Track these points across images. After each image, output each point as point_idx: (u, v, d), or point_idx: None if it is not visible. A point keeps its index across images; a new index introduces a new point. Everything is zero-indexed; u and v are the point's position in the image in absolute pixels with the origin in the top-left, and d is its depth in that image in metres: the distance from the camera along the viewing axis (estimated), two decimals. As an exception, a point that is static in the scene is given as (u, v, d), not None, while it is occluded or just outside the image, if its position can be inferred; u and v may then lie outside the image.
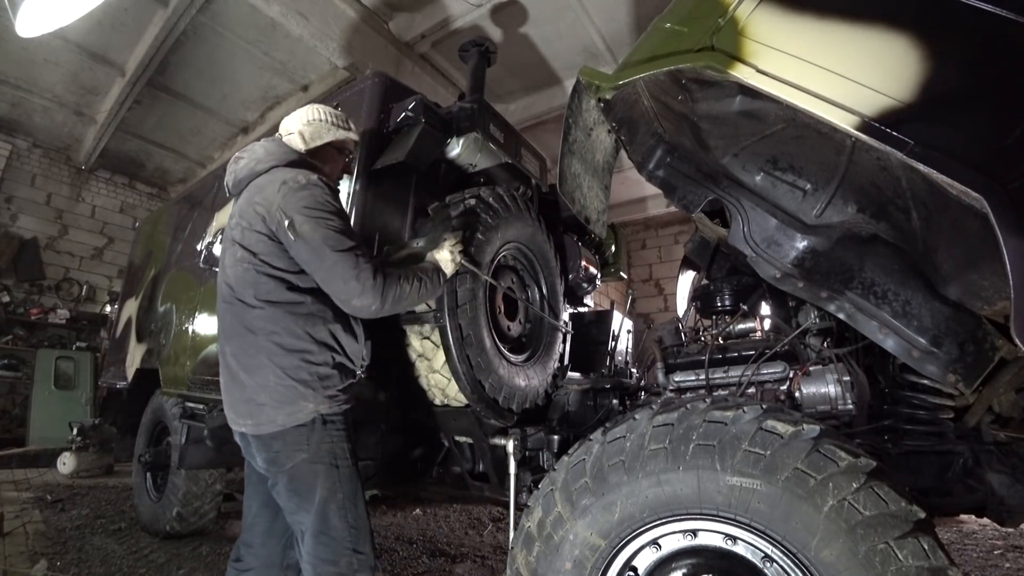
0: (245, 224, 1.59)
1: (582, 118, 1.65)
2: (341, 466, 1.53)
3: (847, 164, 1.39)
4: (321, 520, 1.48)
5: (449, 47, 5.15)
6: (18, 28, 3.26)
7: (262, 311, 1.52)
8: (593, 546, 1.38)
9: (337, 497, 1.50)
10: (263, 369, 1.50)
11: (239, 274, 1.57)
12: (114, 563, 2.89)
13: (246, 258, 1.56)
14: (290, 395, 1.49)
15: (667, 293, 9.72)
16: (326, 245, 1.48)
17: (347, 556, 1.47)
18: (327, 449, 1.52)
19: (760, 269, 1.76)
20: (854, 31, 1.06)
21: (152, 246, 4.37)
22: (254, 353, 1.52)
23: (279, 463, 1.51)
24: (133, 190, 8.65)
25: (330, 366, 1.55)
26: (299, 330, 1.52)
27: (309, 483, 1.49)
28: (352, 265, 1.47)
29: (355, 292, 1.48)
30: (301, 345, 1.51)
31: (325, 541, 1.47)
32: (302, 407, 1.49)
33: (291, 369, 1.49)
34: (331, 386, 1.55)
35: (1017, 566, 3.12)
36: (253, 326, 1.53)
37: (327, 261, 1.48)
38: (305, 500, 1.49)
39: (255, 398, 1.51)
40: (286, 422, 1.48)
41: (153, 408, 3.73)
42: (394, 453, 2.53)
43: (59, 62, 5.93)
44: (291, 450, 1.50)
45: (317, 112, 1.79)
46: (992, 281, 1.20)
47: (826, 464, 1.16)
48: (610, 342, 2.83)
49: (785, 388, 1.92)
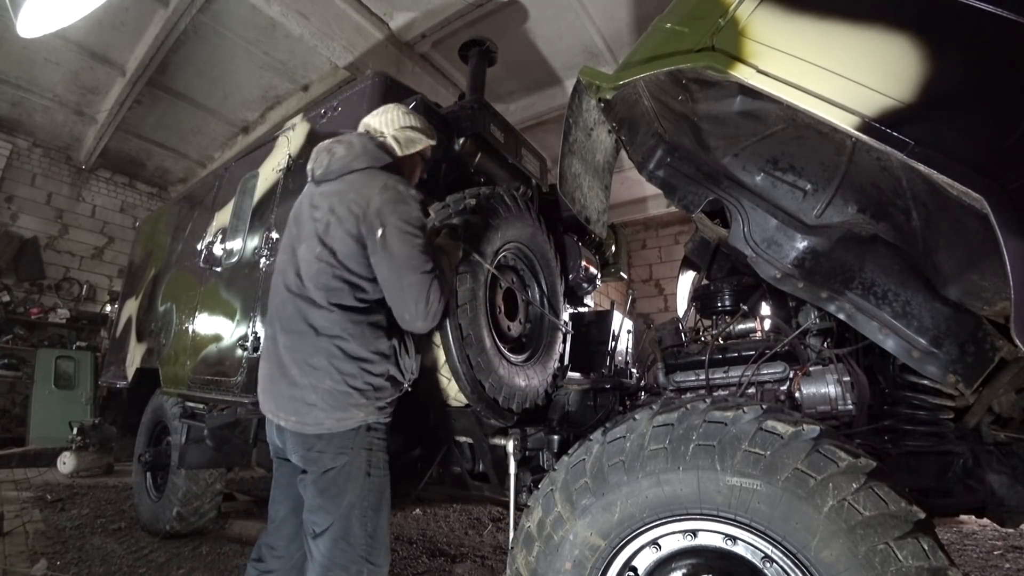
0: (334, 219, 1.55)
1: (582, 118, 1.65)
2: (374, 475, 1.54)
3: (847, 164, 1.39)
4: (343, 525, 1.47)
5: (449, 47, 5.15)
6: (19, 28, 3.27)
7: (330, 313, 1.52)
8: (593, 546, 1.38)
9: (363, 504, 1.50)
10: (321, 371, 1.49)
11: (314, 271, 1.55)
12: (114, 563, 2.89)
13: (325, 256, 1.55)
14: (343, 401, 1.49)
15: (667, 293, 9.72)
16: (410, 265, 1.50)
17: (359, 564, 1.46)
18: (365, 457, 1.53)
19: (760, 269, 1.76)
20: (854, 31, 1.06)
21: (152, 246, 4.37)
22: (313, 353, 1.51)
23: (320, 463, 1.51)
24: (133, 190, 8.65)
25: (385, 378, 1.55)
26: (364, 338, 1.52)
27: (341, 487, 1.49)
28: (425, 289, 1.51)
29: (420, 315, 1.51)
30: (363, 353, 1.51)
31: (343, 547, 1.47)
32: (353, 415, 1.50)
33: (350, 376, 1.50)
34: (383, 397, 1.56)
35: (1017, 567, 3.12)
36: (317, 325, 1.52)
37: (404, 280, 1.50)
38: (331, 502, 1.49)
39: (305, 397, 1.50)
40: (334, 427, 1.49)
41: (153, 408, 3.73)
42: (394, 453, 2.52)
43: (60, 62, 5.93)
44: (334, 452, 1.50)
45: (409, 119, 1.77)
46: (992, 281, 1.20)
47: (826, 464, 1.15)
48: (610, 342, 2.83)
49: (785, 388, 1.92)
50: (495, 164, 2.75)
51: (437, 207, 2.11)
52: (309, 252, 1.58)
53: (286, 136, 2.89)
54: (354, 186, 1.58)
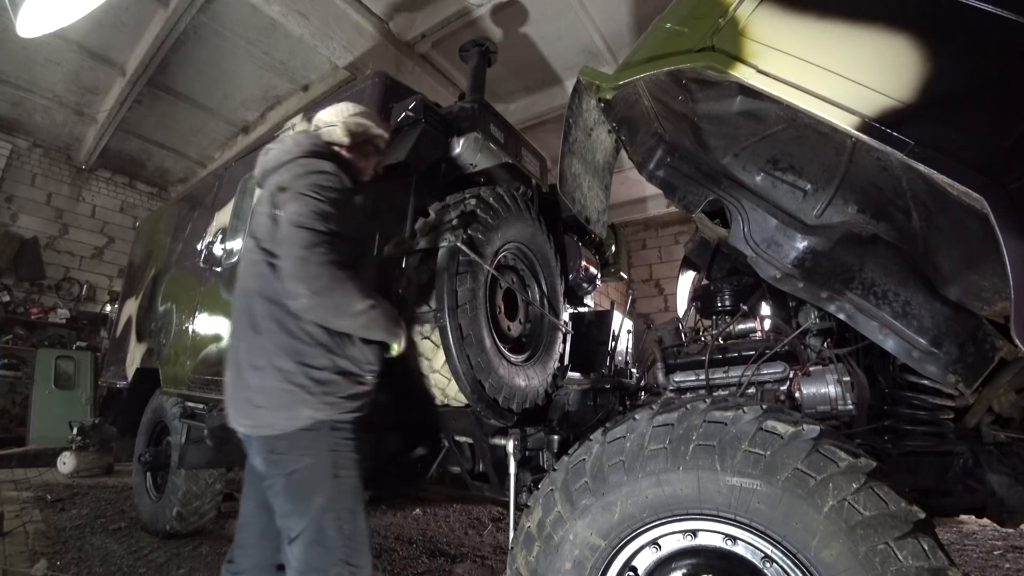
0: (259, 208, 1.54)
1: (582, 118, 1.65)
2: (343, 475, 1.48)
3: (847, 164, 1.39)
4: (316, 529, 1.43)
5: (449, 47, 5.15)
6: (19, 28, 3.27)
7: (263, 307, 1.48)
8: (593, 546, 1.38)
9: (335, 507, 1.45)
10: (264, 371, 1.45)
11: (247, 265, 1.54)
12: (114, 563, 2.88)
13: (252, 246, 1.52)
14: (288, 399, 1.44)
15: (667, 293, 9.72)
16: (293, 217, 1.41)
17: (338, 567, 1.42)
18: (331, 458, 1.47)
19: (760, 269, 1.76)
20: (854, 31, 1.06)
21: (152, 246, 4.37)
22: (257, 353, 1.47)
23: (281, 465, 1.46)
24: (133, 190, 8.65)
25: (331, 371, 1.49)
26: (300, 331, 1.46)
27: (308, 490, 1.45)
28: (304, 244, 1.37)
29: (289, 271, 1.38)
30: (300, 347, 1.46)
31: (318, 551, 1.42)
32: (300, 412, 1.44)
33: (289, 373, 1.44)
34: (331, 392, 1.48)
35: (1017, 567, 3.12)
36: (257, 324, 1.49)
37: (283, 231, 1.40)
38: (301, 506, 1.44)
39: (254, 400, 1.46)
40: (285, 427, 1.44)
41: (153, 408, 3.73)
42: (394, 453, 2.53)
43: (60, 62, 5.93)
44: (295, 454, 1.45)
45: (358, 108, 1.77)
46: (992, 281, 1.20)
47: (826, 464, 1.15)
48: (610, 342, 2.83)
49: (785, 388, 1.92)
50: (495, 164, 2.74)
51: (437, 207, 2.11)
52: (246, 250, 1.56)
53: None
54: (280, 175, 1.56)
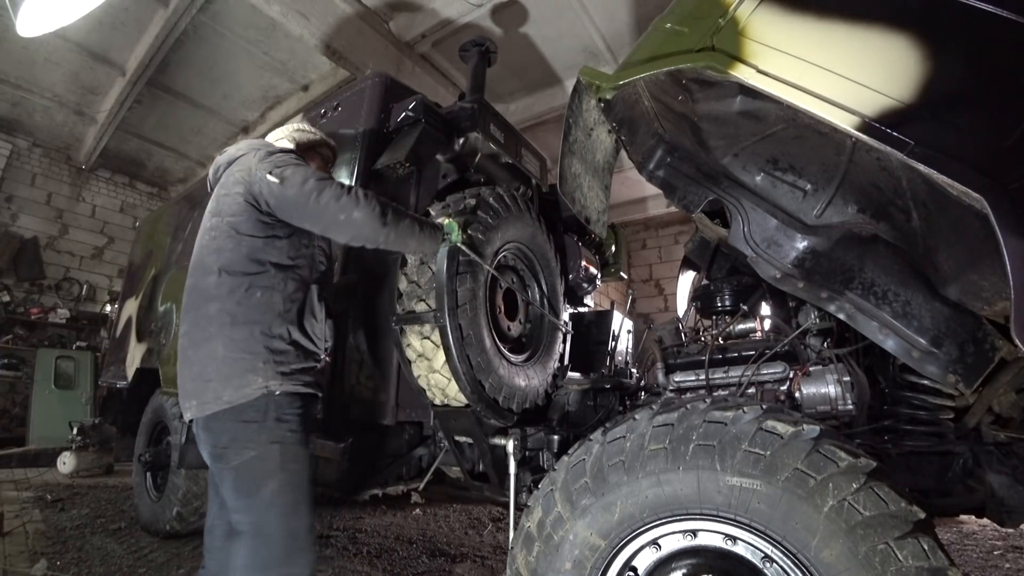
0: (223, 193, 1.59)
1: (582, 118, 1.65)
2: (291, 469, 1.46)
3: (847, 164, 1.39)
4: (260, 525, 1.41)
5: (449, 47, 5.15)
6: (19, 28, 3.27)
7: (219, 278, 1.48)
8: (593, 546, 1.38)
9: (279, 502, 1.43)
10: (212, 340, 1.44)
11: (205, 243, 1.56)
12: (114, 563, 2.88)
13: (215, 224, 1.56)
14: (238, 368, 1.42)
15: (667, 293, 9.72)
16: (312, 177, 1.50)
17: (280, 565, 1.40)
18: (275, 451, 1.44)
19: (760, 269, 1.76)
20: (854, 31, 1.06)
21: (152, 246, 4.37)
22: (205, 324, 1.46)
23: (225, 459, 1.44)
24: (133, 190, 8.65)
25: (286, 341, 1.49)
26: (256, 301, 1.47)
27: (254, 484, 1.42)
28: (339, 187, 1.50)
29: (351, 204, 1.47)
30: (256, 316, 1.46)
31: (259, 547, 1.40)
32: (250, 380, 1.42)
33: (242, 341, 1.44)
34: (285, 362, 1.48)
35: (1017, 567, 3.12)
36: (208, 294, 1.48)
37: (316, 188, 1.48)
38: (244, 501, 1.43)
39: (202, 374, 1.43)
40: (233, 398, 1.40)
41: (153, 408, 3.73)
42: (394, 453, 2.53)
43: (59, 62, 5.93)
44: (238, 447, 1.43)
45: (303, 125, 1.89)
46: (992, 281, 1.20)
47: (826, 464, 1.15)
48: (610, 342, 2.83)
49: (785, 388, 1.92)
50: (495, 164, 2.75)
51: (437, 207, 2.11)
52: (202, 232, 1.60)
53: (286, 136, 2.89)
54: (237, 164, 1.64)
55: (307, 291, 1.59)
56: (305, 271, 1.61)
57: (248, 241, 1.51)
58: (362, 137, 2.36)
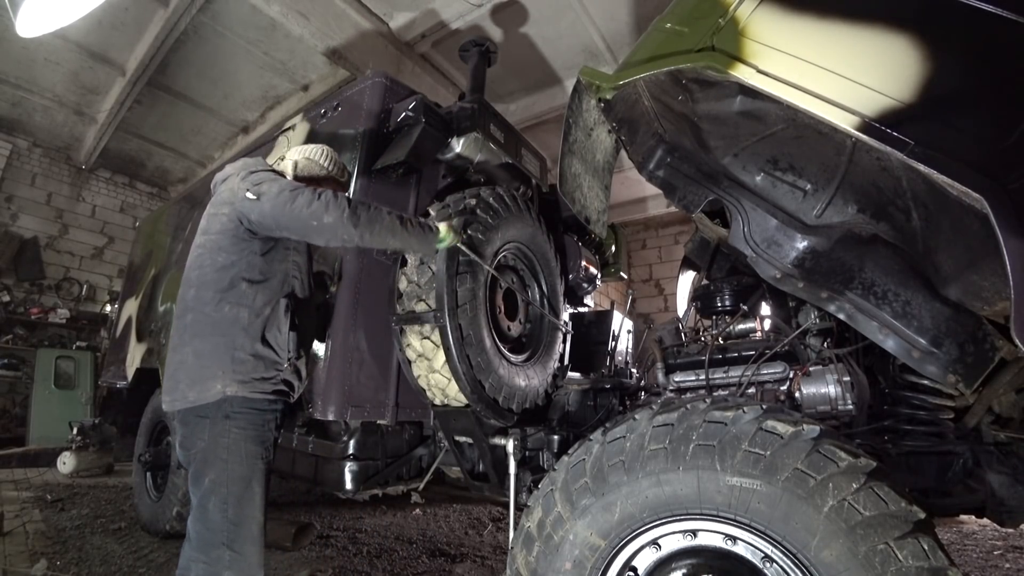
0: (211, 211, 1.71)
1: (582, 118, 1.65)
2: (231, 461, 1.56)
3: (847, 164, 1.39)
4: (200, 511, 1.53)
5: (449, 47, 5.15)
6: (18, 28, 3.26)
7: (196, 292, 1.62)
8: (593, 546, 1.38)
9: (220, 492, 1.53)
10: (184, 347, 1.59)
11: (192, 259, 1.69)
12: (114, 563, 2.88)
13: (201, 243, 1.68)
14: (203, 374, 1.55)
15: (667, 293, 9.71)
16: (286, 188, 1.59)
17: (218, 550, 1.49)
18: (223, 444, 1.56)
19: (760, 269, 1.76)
20: (854, 31, 1.06)
21: (152, 246, 4.37)
22: (181, 332, 1.61)
23: (185, 448, 1.59)
24: (133, 190, 8.65)
25: (247, 352, 1.60)
26: (223, 315, 1.59)
27: (201, 472, 1.56)
28: (310, 193, 1.58)
29: (321, 209, 1.55)
30: (223, 329, 1.58)
31: (198, 533, 1.52)
32: (210, 386, 1.55)
33: (208, 351, 1.57)
34: (244, 372, 1.59)
35: (1017, 567, 3.12)
36: (187, 305, 1.63)
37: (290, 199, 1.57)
38: (195, 487, 1.57)
39: (175, 375, 1.59)
40: (196, 399, 1.55)
41: (153, 408, 3.73)
42: (395, 453, 2.53)
43: (59, 62, 5.93)
44: (193, 439, 1.58)
45: (319, 153, 1.90)
46: (992, 281, 1.20)
47: (826, 464, 1.15)
48: (610, 342, 2.83)
49: (785, 388, 1.92)
50: (495, 164, 2.75)
51: (437, 207, 2.11)
52: (192, 248, 1.72)
53: (286, 136, 2.89)
54: (225, 185, 1.75)
55: (275, 304, 1.68)
56: (275, 284, 1.71)
57: (224, 259, 1.64)
58: (362, 137, 2.36)
